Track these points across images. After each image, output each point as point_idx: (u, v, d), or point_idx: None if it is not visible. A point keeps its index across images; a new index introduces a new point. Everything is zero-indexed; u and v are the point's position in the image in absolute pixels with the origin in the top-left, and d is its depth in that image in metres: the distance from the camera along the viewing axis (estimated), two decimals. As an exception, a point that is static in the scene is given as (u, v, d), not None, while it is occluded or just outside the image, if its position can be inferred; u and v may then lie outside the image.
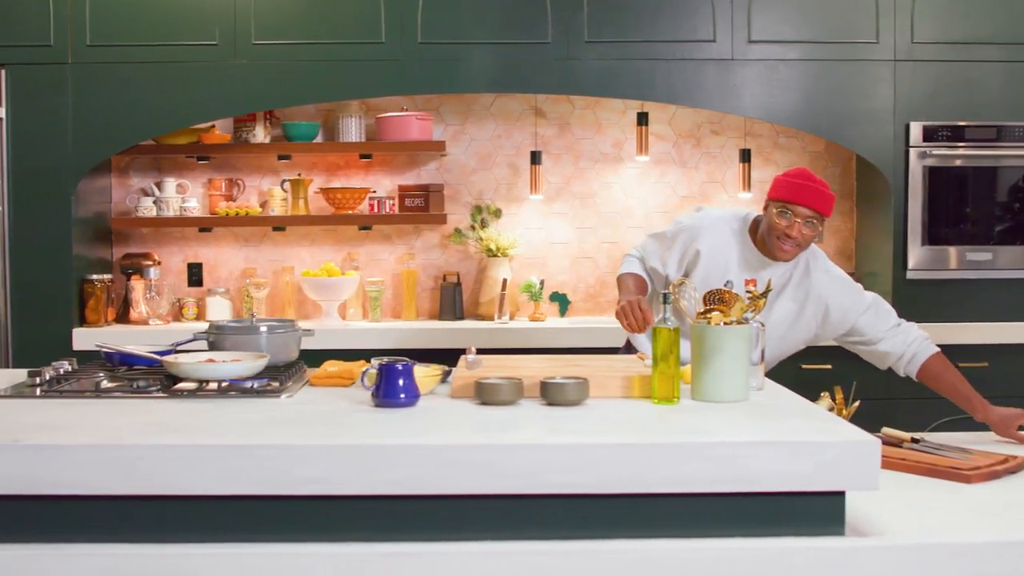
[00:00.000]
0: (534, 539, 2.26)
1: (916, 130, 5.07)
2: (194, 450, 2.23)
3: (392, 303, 5.58)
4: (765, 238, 3.45)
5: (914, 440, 2.92)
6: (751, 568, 2.20)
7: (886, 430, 2.97)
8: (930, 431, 3.30)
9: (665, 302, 2.72)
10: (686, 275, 3.48)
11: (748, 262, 3.51)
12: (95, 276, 5.12)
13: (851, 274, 5.39)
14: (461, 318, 5.43)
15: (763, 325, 2.92)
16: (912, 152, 5.07)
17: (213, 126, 5.35)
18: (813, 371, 4.91)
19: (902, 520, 2.36)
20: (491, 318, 5.32)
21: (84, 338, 4.91)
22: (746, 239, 3.54)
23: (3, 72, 4.97)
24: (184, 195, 5.43)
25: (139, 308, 5.25)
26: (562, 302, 5.50)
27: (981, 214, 5.15)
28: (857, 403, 3.03)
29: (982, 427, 3.81)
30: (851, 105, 5.11)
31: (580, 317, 5.48)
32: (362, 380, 2.71)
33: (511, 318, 5.33)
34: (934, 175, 5.07)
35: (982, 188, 5.16)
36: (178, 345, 3.24)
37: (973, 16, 5.09)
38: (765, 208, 3.47)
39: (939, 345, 5.00)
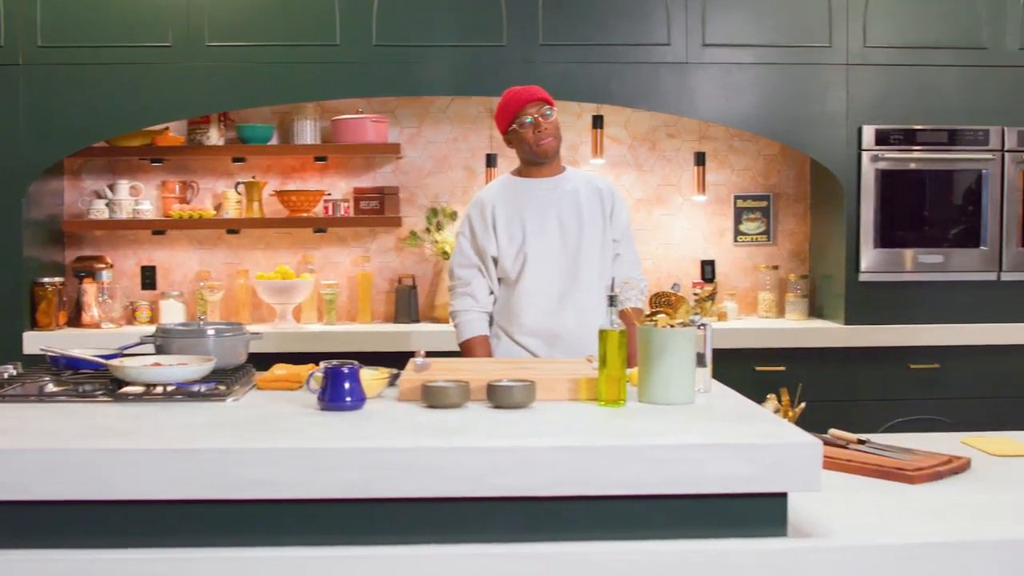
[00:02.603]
0: (480, 542, 2.25)
1: (868, 133, 5.11)
2: (137, 454, 2.21)
3: (347, 306, 5.56)
4: (529, 155, 3.79)
5: (860, 441, 2.94)
6: (694, 570, 2.21)
7: (833, 431, 2.99)
8: (882, 432, 3.32)
9: (612, 305, 2.72)
10: (496, 235, 3.79)
11: (528, 189, 3.83)
12: (46, 279, 5.08)
13: (804, 277, 5.47)
14: (416, 321, 5.42)
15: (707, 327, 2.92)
16: (864, 155, 5.11)
17: (167, 128, 5.32)
18: (766, 372, 4.94)
19: (846, 521, 2.37)
20: (446, 321, 5.31)
21: (35, 342, 4.86)
22: (515, 179, 3.88)
23: (-48, 73, 4.93)
24: (137, 197, 5.40)
25: (91, 311, 5.21)
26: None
27: (933, 217, 5.19)
28: (803, 405, 3.05)
29: (933, 427, 3.85)
30: (805, 109, 5.14)
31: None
32: (308, 384, 2.70)
33: (467, 321, 5.32)
34: (886, 178, 5.11)
35: (934, 191, 5.20)
36: (125, 349, 3.22)
37: (925, 20, 5.14)
38: (511, 142, 3.83)
39: (892, 347, 5.09)
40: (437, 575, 2.21)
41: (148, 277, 5.51)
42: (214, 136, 5.32)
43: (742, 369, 4.80)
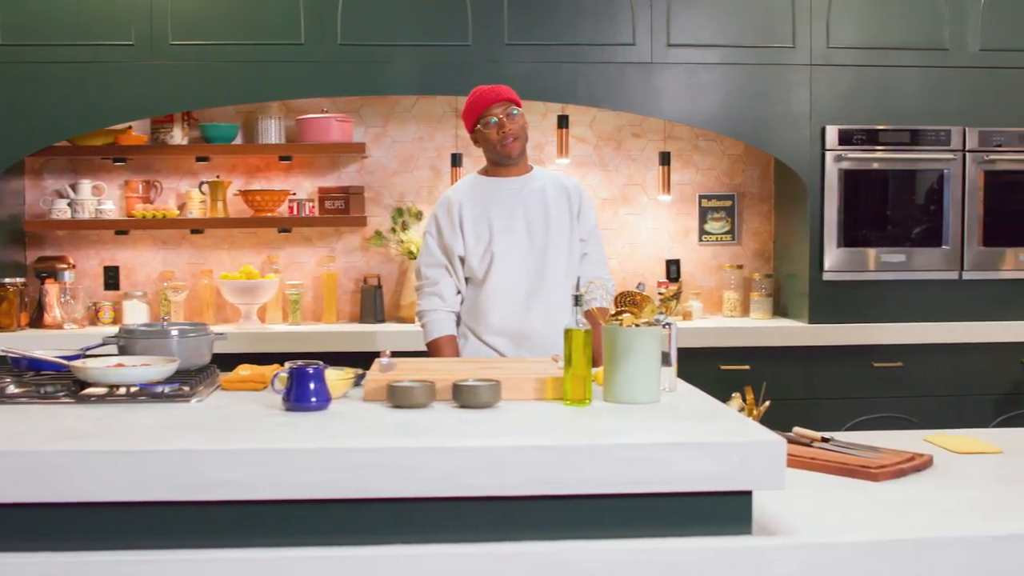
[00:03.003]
0: (447, 542, 2.25)
1: (832, 133, 5.14)
2: (101, 456, 2.19)
3: (312, 306, 5.54)
4: (494, 155, 3.79)
5: (824, 439, 2.96)
6: (660, 568, 2.22)
7: (797, 430, 3.01)
8: (846, 430, 3.35)
9: (577, 304, 2.73)
10: (463, 234, 3.77)
11: (495, 189, 3.82)
12: (8, 280, 5.03)
13: (768, 276, 5.50)
14: (382, 321, 5.41)
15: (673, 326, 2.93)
16: (828, 155, 5.14)
17: (130, 127, 5.27)
18: (731, 371, 4.96)
19: (810, 519, 2.38)
20: (412, 321, 5.30)
21: (-4, 343, 4.82)
22: (482, 179, 3.87)
23: (-89, 71, 4.87)
24: (100, 197, 5.36)
25: (53, 312, 5.16)
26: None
27: (896, 216, 5.23)
28: (767, 403, 3.06)
29: (896, 425, 3.87)
30: (769, 109, 5.17)
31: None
32: (273, 384, 2.69)
33: (433, 321, 5.31)
34: (849, 178, 5.15)
35: (897, 191, 5.24)
36: (88, 349, 3.19)
37: (888, 21, 5.18)
38: (477, 141, 3.84)
39: (855, 346, 5.12)
40: (409, 575, 2.21)
41: (111, 277, 5.47)
42: (178, 135, 5.29)
43: (707, 368, 4.82)
